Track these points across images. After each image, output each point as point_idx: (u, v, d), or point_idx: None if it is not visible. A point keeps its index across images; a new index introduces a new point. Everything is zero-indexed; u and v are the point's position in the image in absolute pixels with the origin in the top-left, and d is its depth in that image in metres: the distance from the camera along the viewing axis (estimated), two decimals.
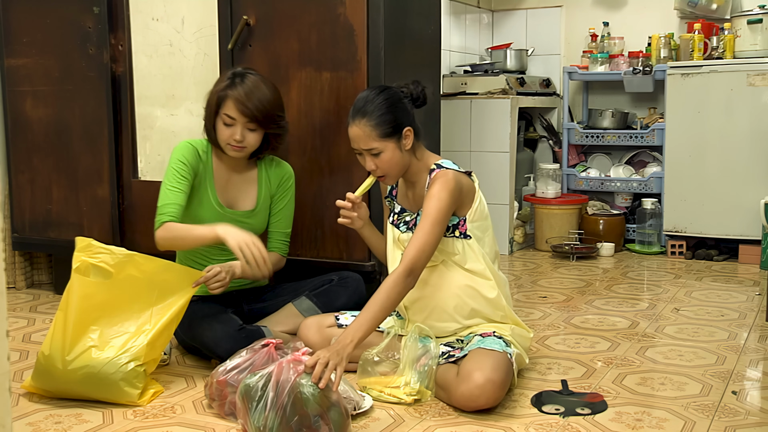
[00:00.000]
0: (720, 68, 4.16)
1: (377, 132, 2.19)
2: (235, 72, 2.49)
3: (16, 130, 3.42)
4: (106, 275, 2.20)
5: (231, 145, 2.46)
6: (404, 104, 2.25)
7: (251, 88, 2.43)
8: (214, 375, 2.12)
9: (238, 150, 2.47)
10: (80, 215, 3.32)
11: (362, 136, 2.20)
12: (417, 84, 2.30)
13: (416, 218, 2.31)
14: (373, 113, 2.19)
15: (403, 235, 2.34)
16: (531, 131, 4.95)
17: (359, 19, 2.75)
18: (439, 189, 2.16)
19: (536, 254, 4.46)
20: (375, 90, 2.25)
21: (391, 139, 2.21)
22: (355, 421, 2.03)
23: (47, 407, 2.16)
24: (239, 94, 2.41)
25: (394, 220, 2.39)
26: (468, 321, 2.29)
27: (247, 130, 2.45)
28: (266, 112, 2.44)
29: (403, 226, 2.36)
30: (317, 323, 2.45)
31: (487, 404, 2.06)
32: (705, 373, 2.40)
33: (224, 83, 2.46)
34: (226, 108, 2.43)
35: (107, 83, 3.18)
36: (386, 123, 2.19)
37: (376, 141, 2.19)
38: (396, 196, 2.42)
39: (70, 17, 3.24)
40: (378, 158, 2.22)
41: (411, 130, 2.24)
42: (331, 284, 2.68)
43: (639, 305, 3.27)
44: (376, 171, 2.25)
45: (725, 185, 4.16)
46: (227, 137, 2.45)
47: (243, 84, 2.43)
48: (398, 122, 2.22)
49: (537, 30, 5.07)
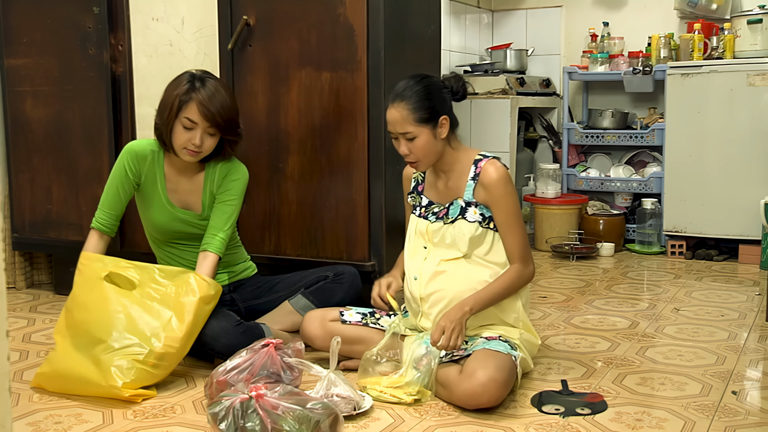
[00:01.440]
0: (720, 68, 4.16)
1: (414, 116, 2.22)
2: (193, 75, 2.45)
3: (16, 130, 3.42)
4: (132, 286, 2.33)
5: (188, 149, 2.43)
6: (443, 94, 2.28)
7: (213, 92, 2.41)
8: (214, 375, 2.12)
9: (193, 154, 2.44)
10: (80, 215, 3.32)
11: (399, 119, 2.23)
12: (458, 78, 2.33)
13: (448, 209, 2.32)
14: (411, 98, 2.22)
15: (431, 225, 2.34)
16: (531, 131, 4.95)
17: (359, 19, 2.75)
18: (506, 183, 2.25)
19: (536, 254, 4.45)
20: (416, 77, 2.28)
21: (426, 125, 2.23)
22: (355, 421, 2.03)
23: (47, 407, 2.16)
24: (202, 98, 2.39)
25: (421, 212, 2.38)
26: (480, 320, 2.29)
27: (207, 134, 2.43)
28: (227, 117, 2.43)
29: (432, 216, 2.35)
30: (320, 317, 2.47)
31: (489, 403, 2.06)
32: (705, 373, 2.40)
33: (184, 86, 2.41)
34: (187, 112, 2.40)
35: (107, 83, 3.18)
36: (423, 108, 2.22)
37: (412, 125, 2.22)
38: (422, 191, 2.42)
39: (70, 17, 3.24)
40: (412, 143, 2.24)
41: (447, 119, 2.27)
42: (327, 281, 2.70)
43: (639, 305, 3.27)
44: (409, 156, 2.27)
45: (725, 185, 4.16)
46: (185, 141, 2.42)
47: (205, 88, 2.41)
48: (435, 109, 2.24)
49: (537, 30, 5.07)
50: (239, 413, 1.78)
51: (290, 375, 2.15)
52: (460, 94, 2.32)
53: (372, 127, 2.79)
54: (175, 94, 2.41)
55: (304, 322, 2.49)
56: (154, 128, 2.51)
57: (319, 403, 1.85)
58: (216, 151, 2.52)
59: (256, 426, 1.75)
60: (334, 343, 2.11)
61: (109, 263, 2.37)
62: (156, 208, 2.55)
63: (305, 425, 1.77)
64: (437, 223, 2.32)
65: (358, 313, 2.47)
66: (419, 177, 2.44)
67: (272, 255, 2.97)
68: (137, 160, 2.51)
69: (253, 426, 1.76)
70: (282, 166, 2.94)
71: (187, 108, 2.40)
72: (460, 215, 2.28)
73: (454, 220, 2.29)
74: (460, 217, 2.28)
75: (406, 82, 2.27)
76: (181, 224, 2.57)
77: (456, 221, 2.28)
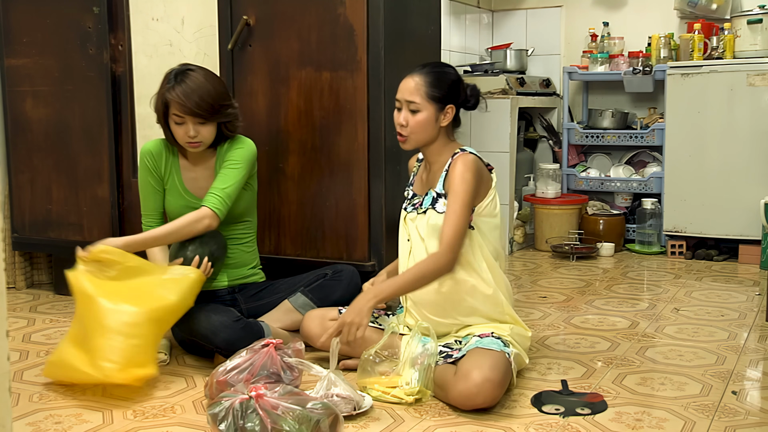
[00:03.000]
0: (720, 68, 4.16)
1: (426, 90, 2.26)
2: (174, 71, 2.53)
3: (16, 130, 3.41)
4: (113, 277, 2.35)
5: (188, 142, 2.53)
6: (459, 89, 2.32)
7: (189, 86, 2.48)
8: (214, 375, 2.12)
9: (195, 146, 2.54)
10: (80, 215, 3.32)
11: (412, 87, 2.27)
12: (476, 89, 2.37)
13: (423, 199, 2.34)
14: (430, 74, 2.28)
15: (409, 215, 2.38)
16: (531, 131, 4.95)
17: (359, 19, 2.75)
18: (464, 170, 2.22)
19: (536, 254, 4.46)
20: (442, 64, 2.39)
21: (433, 104, 2.27)
22: (355, 421, 2.03)
23: (47, 407, 2.16)
24: (177, 96, 2.47)
25: (406, 205, 2.43)
26: (466, 319, 2.29)
27: (198, 125, 2.51)
28: (208, 106, 2.49)
29: (410, 207, 2.39)
30: (320, 316, 2.48)
31: (485, 403, 2.06)
32: (705, 373, 2.40)
33: (166, 86, 2.51)
34: (172, 109, 2.50)
35: (107, 83, 3.18)
36: (437, 88, 2.27)
37: (421, 97, 2.26)
38: (412, 185, 2.46)
39: (70, 17, 3.23)
40: (413, 116, 2.27)
41: (453, 109, 2.31)
42: (326, 279, 2.72)
43: (639, 305, 3.27)
44: (404, 128, 2.29)
45: (725, 185, 4.16)
46: (182, 135, 2.53)
47: (182, 83, 2.48)
48: (447, 96, 2.28)
49: (537, 30, 5.07)
50: (239, 413, 1.78)
51: (290, 375, 2.15)
52: (472, 102, 2.35)
53: (372, 127, 2.79)
54: (160, 94, 2.53)
55: (304, 321, 2.50)
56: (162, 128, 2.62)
57: (319, 403, 1.85)
58: (220, 136, 2.60)
59: (256, 426, 1.75)
60: (334, 343, 2.11)
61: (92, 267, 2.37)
62: (173, 195, 2.64)
63: (305, 425, 1.77)
64: (412, 213, 2.37)
65: None
66: (415, 169, 2.47)
67: (272, 255, 2.97)
68: (154, 157, 2.62)
69: (252, 426, 1.76)
70: (282, 166, 2.94)
71: (171, 106, 2.50)
72: (431, 206, 2.31)
73: (425, 210, 2.32)
74: (431, 207, 2.30)
75: (433, 63, 2.36)
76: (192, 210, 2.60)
77: (427, 211, 2.31)
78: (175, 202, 2.64)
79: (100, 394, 2.24)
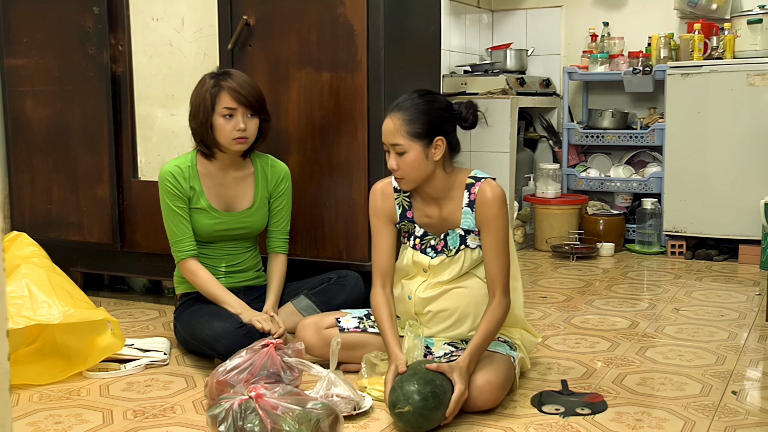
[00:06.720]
0: (720, 68, 4.16)
1: (407, 129, 2.11)
2: (215, 72, 2.56)
3: (16, 130, 3.41)
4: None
5: (236, 138, 2.51)
6: (447, 115, 2.16)
7: (239, 78, 2.53)
8: (214, 375, 2.12)
9: (242, 141, 2.53)
10: (80, 215, 3.32)
11: (392, 129, 2.13)
12: (470, 105, 2.21)
13: (445, 240, 2.23)
14: (408, 110, 2.12)
15: (433, 260, 2.23)
16: (531, 131, 4.95)
17: (359, 19, 2.75)
18: (499, 206, 2.15)
19: (536, 254, 4.46)
20: (421, 91, 2.18)
21: (418, 142, 2.11)
22: (355, 421, 2.03)
23: (47, 407, 2.16)
24: (232, 85, 2.49)
25: (416, 244, 2.27)
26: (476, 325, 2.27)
27: (247, 117, 2.52)
28: (260, 97, 2.54)
29: (430, 251, 2.25)
30: (315, 324, 2.43)
31: (485, 406, 2.05)
32: (705, 373, 2.40)
33: (211, 82, 2.52)
34: (222, 102, 2.49)
35: (107, 83, 3.18)
36: (418, 123, 2.11)
37: (403, 138, 2.11)
38: (413, 218, 2.29)
39: (70, 17, 3.23)
40: (401, 158, 2.13)
41: (443, 141, 2.14)
42: (330, 282, 2.70)
43: (639, 305, 3.27)
44: (397, 171, 2.16)
45: (725, 185, 4.16)
46: (230, 131, 2.50)
47: (231, 77, 2.52)
48: (432, 127, 2.12)
49: (537, 30, 5.07)
50: (239, 414, 1.78)
51: (290, 375, 2.15)
52: (470, 122, 2.20)
53: (372, 127, 2.79)
54: (205, 91, 2.51)
55: (298, 329, 2.44)
56: (193, 135, 2.57)
57: (319, 403, 1.85)
58: (257, 137, 2.60)
59: (256, 426, 1.75)
60: (334, 343, 2.11)
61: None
62: (200, 214, 2.59)
63: (305, 425, 1.77)
64: (439, 257, 2.23)
65: (354, 317, 2.45)
66: (404, 202, 2.29)
67: None
68: (175, 179, 2.56)
69: (252, 426, 1.76)
70: None
71: (220, 99, 2.49)
72: (462, 244, 2.21)
73: (457, 250, 2.22)
74: (463, 247, 2.21)
75: (409, 94, 2.16)
76: (223, 226, 2.61)
77: (459, 252, 2.21)
78: (202, 221, 2.58)
79: (100, 394, 2.24)
